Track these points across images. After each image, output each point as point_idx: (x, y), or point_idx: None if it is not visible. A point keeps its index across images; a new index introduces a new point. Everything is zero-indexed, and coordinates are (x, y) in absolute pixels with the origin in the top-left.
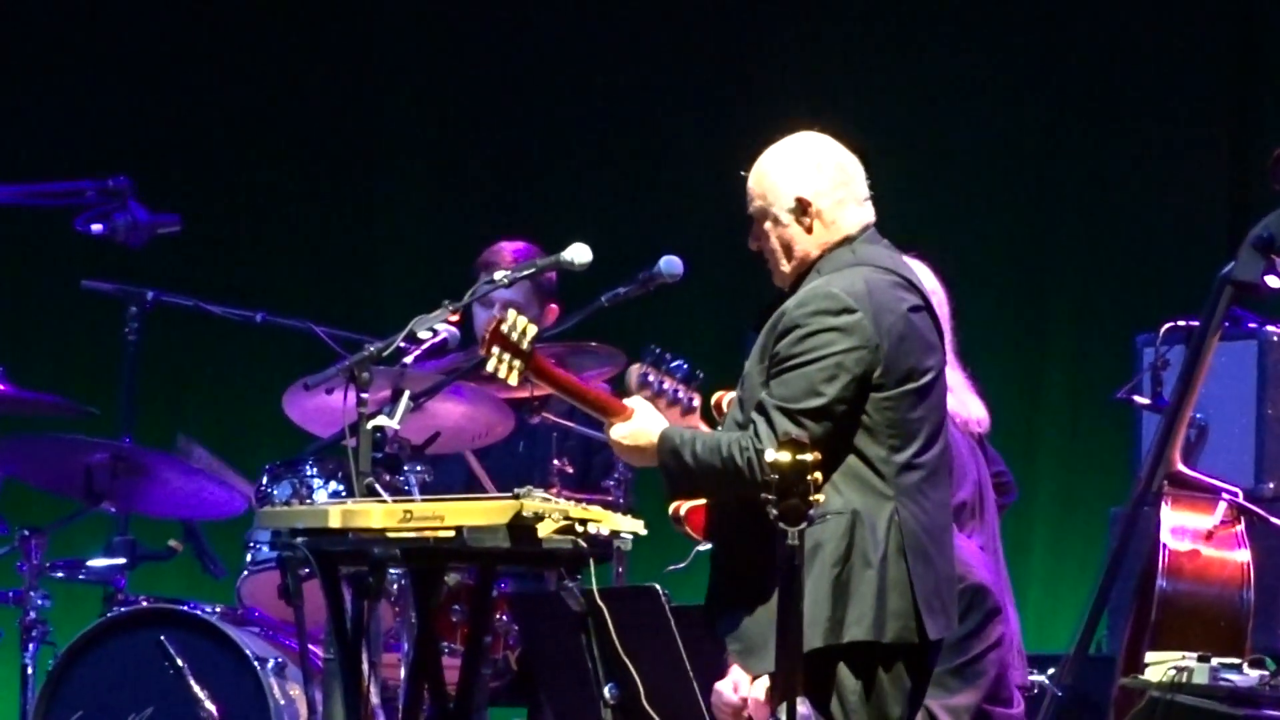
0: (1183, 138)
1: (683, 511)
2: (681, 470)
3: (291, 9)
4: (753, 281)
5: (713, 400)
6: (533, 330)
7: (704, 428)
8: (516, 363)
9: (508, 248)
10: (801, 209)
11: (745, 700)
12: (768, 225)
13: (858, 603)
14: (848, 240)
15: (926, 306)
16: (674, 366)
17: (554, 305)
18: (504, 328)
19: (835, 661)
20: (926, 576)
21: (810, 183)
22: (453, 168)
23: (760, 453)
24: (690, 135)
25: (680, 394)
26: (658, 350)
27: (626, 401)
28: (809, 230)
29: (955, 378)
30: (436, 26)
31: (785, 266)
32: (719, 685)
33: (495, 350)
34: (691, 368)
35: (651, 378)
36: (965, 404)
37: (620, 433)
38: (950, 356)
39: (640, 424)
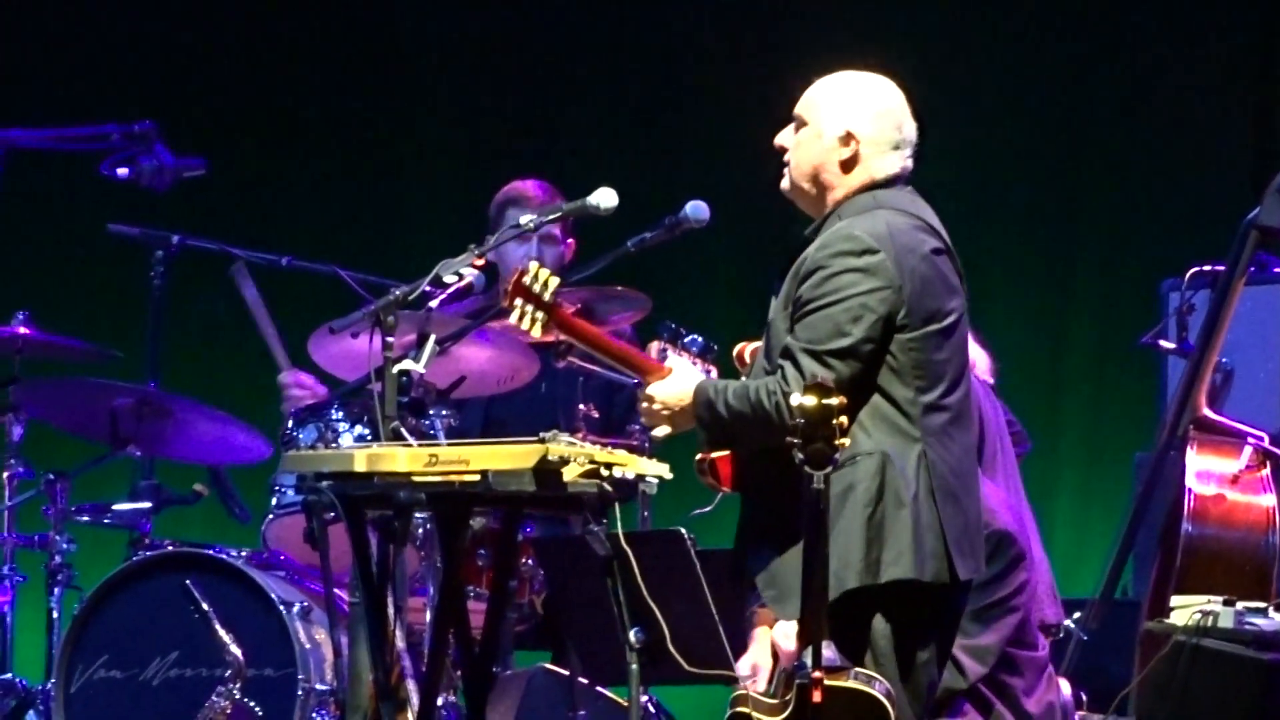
0: (1208, 83)
1: (711, 458)
2: (715, 421)
3: None
4: (779, 226)
5: (734, 352)
6: (554, 282)
7: None
8: (539, 314)
9: (530, 186)
10: (845, 141)
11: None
12: (806, 135)
13: (894, 542)
14: (873, 185)
15: (948, 250)
16: (689, 341)
17: (571, 240)
18: (526, 279)
19: (870, 603)
20: (956, 518)
21: (865, 124)
22: (478, 112)
23: (788, 396)
24: (716, 80)
25: (698, 367)
26: (674, 326)
27: (667, 361)
28: (841, 164)
29: None
30: None
31: (804, 185)
32: (739, 666)
33: (518, 302)
34: (707, 342)
35: (670, 353)
36: (973, 355)
37: (657, 390)
38: None
39: (677, 381)
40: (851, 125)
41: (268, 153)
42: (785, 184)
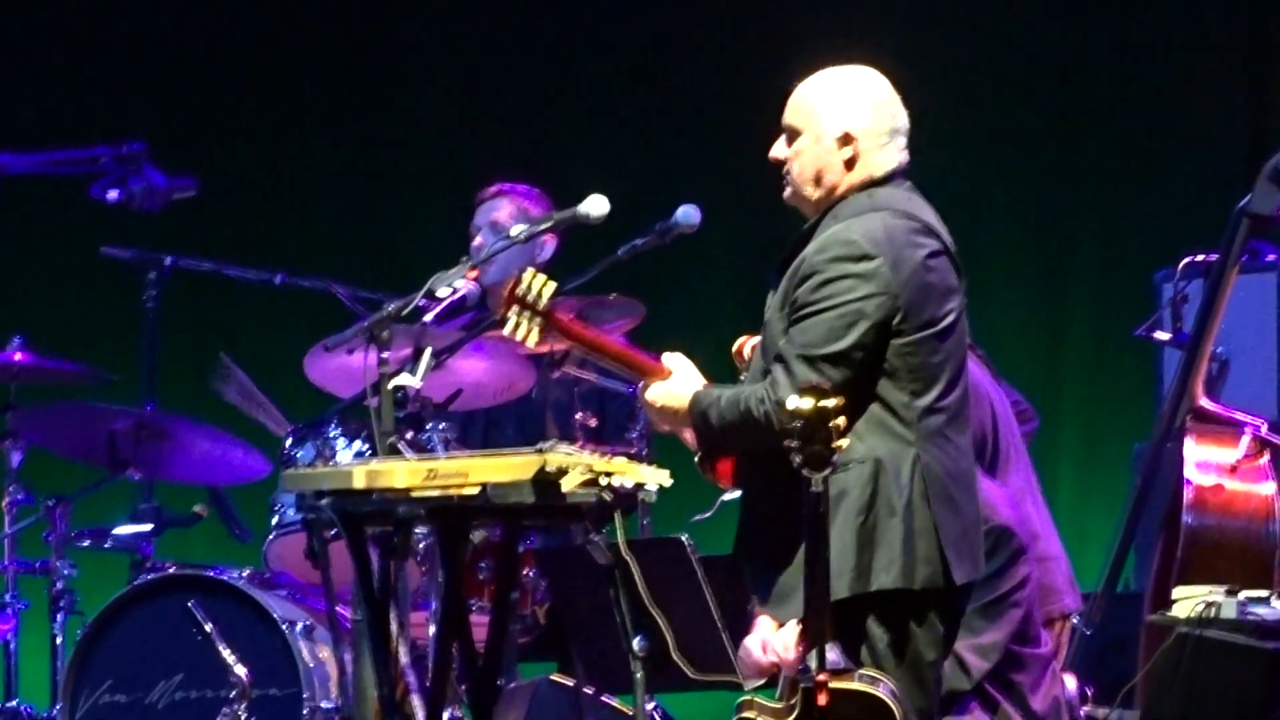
0: (1201, 71)
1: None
2: (709, 430)
3: None
4: (771, 229)
5: (734, 348)
6: (550, 288)
7: None
8: (536, 322)
9: (490, 188)
10: (845, 141)
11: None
12: (803, 143)
13: (885, 550)
14: (871, 183)
15: (946, 249)
16: None
17: (549, 238)
18: (519, 289)
19: (864, 610)
20: (952, 522)
21: (861, 119)
22: (468, 122)
23: (778, 402)
24: (706, 83)
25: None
26: None
27: (664, 358)
28: (844, 163)
29: None
30: None
31: (810, 193)
32: (748, 642)
33: (514, 311)
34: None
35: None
36: None
37: (655, 394)
38: None
39: (676, 386)
40: (848, 124)
41: (258, 171)
42: (788, 194)
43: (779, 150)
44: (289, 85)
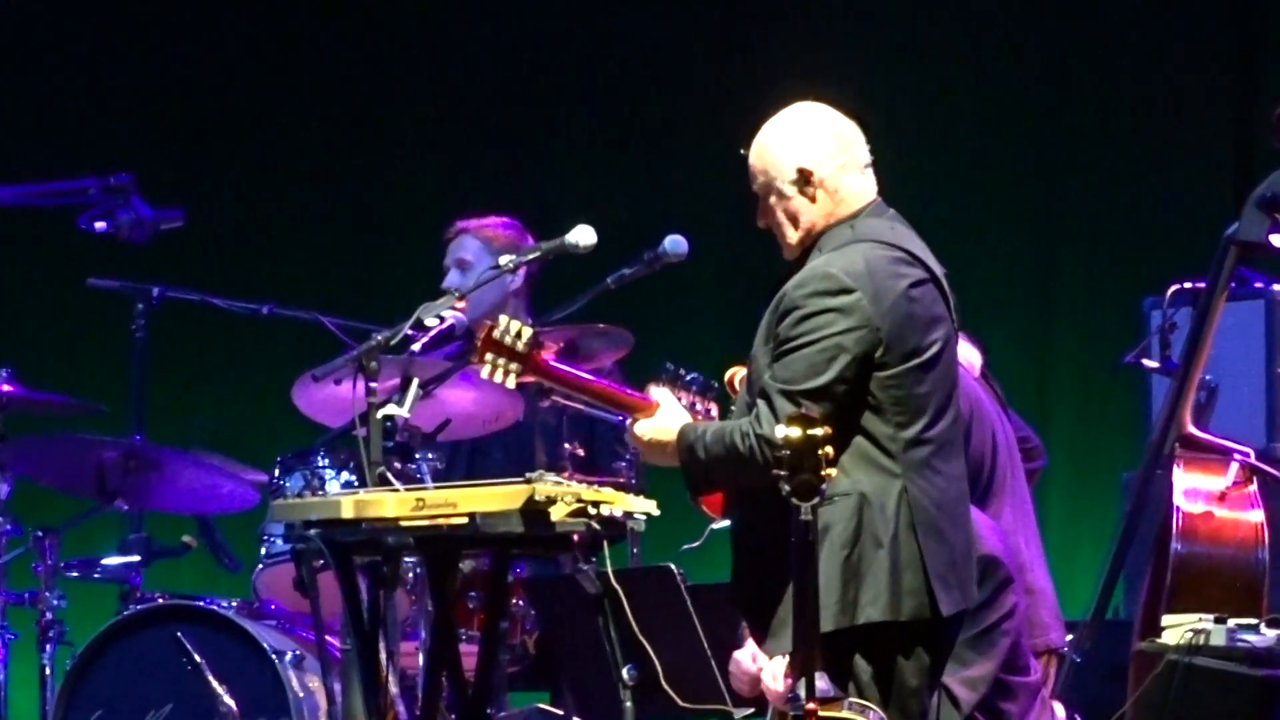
0: (1187, 99)
1: None
2: (695, 465)
3: None
4: (758, 258)
5: (726, 377)
6: (528, 332)
7: None
8: (513, 366)
9: (467, 225)
10: (804, 179)
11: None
12: (773, 200)
13: (871, 584)
14: (850, 213)
15: (931, 278)
16: (690, 380)
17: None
18: (496, 334)
19: (849, 643)
20: (940, 552)
21: (810, 152)
22: (455, 153)
23: (761, 437)
24: (692, 112)
25: (699, 406)
26: (672, 368)
27: (651, 394)
28: (813, 200)
29: None
30: (438, 9)
31: (793, 239)
32: (738, 654)
33: (489, 356)
34: (706, 380)
35: (662, 391)
36: (969, 356)
37: (643, 429)
38: None
39: (663, 420)
40: (800, 161)
41: (245, 201)
42: (785, 253)
43: (760, 219)
44: (275, 117)
